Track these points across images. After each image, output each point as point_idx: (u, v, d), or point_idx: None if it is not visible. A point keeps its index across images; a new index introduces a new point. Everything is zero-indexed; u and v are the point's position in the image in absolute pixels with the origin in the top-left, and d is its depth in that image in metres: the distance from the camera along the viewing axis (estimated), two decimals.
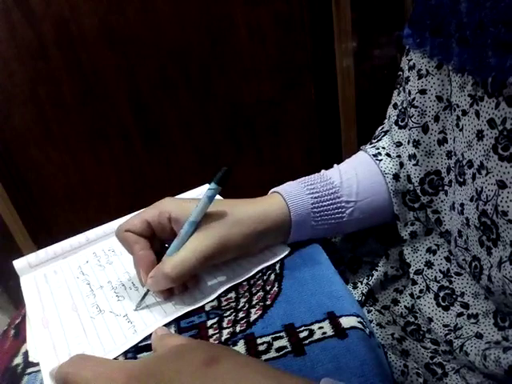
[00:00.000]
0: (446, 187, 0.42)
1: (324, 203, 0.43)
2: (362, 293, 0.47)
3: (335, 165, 0.47)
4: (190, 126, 1.14)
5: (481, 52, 0.31)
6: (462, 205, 0.38)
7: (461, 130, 0.37)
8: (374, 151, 0.47)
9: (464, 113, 0.36)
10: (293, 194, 0.43)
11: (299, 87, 1.13)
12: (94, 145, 1.11)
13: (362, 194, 0.44)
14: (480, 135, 0.33)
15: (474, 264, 0.37)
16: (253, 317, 0.37)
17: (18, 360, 0.38)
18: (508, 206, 0.31)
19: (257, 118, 1.15)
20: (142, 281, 0.40)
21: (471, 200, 0.36)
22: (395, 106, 0.47)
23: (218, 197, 0.40)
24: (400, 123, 0.45)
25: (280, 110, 1.15)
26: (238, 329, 0.37)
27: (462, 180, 0.37)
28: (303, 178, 0.46)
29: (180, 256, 0.38)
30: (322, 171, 0.46)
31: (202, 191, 0.57)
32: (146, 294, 0.40)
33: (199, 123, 1.14)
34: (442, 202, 0.42)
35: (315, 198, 0.43)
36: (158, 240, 0.42)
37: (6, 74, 1.00)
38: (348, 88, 1.13)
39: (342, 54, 1.09)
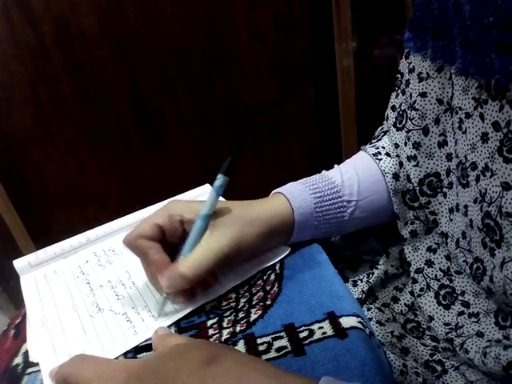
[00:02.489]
0: (446, 189, 0.42)
1: (326, 203, 0.43)
2: (362, 290, 0.47)
3: (336, 165, 0.47)
4: (190, 126, 1.13)
5: (484, 54, 0.31)
6: (465, 206, 0.38)
7: (464, 132, 0.37)
8: (373, 151, 0.47)
9: (468, 115, 0.36)
10: (296, 195, 0.43)
11: (299, 87, 1.13)
12: (94, 145, 1.11)
13: (363, 193, 0.44)
14: (485, 138, 0.34)
15: (475, 265, 0.37)
16: (253, 317, 0.37)
17: (18, 360, 0.38)
18: None
19: (257, 118, 1.15)
20: (161, 285, 0.38)
21: (475, 202, 0.36)
22: (393, 109, 0.47)
23: (220, 198, 0.40)
24: (398, 125, 0.45)
25: (280, 110, 1.15)
26: (238, 329, 0.37)
27: (465, 182, 0.38)
28: (305, 178, 0.46)
29: (196, 255, 0.38)
30: (323, 171, 0.47)
31: (202, 191, 0.57)
32: (165, 299, 0.39)
33: (199, 123, 1.14)
34: (439, 203, 0.43)
35: (317, 197, 0.43)
36: (167, 244, 0.41)
37: (6, 74, 1.00)
38: (348, 88, 1.13)
39: (342, 54, 1.09)
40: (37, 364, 0.37)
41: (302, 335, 0.35)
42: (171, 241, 0.41)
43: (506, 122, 0.31)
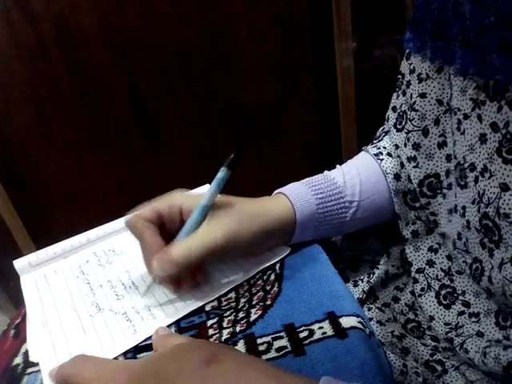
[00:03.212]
0: (445, 190, 0.42)
1: (328, 204, 0.43)
2: (362, 290, 0.47)
3: (337, 165, 0.47)
4: (190, 126, 1.13)
5: (484, 54, 0.31)
6: (463, 207, 0.38)
7: (462, 133, 0.37)
8: (375, 151, 0.47)
9: (466, 116, 0.36)
10: (298, 195, 0.43)
11: (299, 87, 1.13)
12: (94, 145, 1.11)
13: (365, 193, 0.44)
14: (483, 139, 0.34)
15: (474, 266, 0.37)
16: (253, 317, 0.37)
17: (18, 360, 0.38)
18: (510, 209, 0.31)
19: (257, 119, 1.15)
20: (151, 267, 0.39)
21: (473, 203, 0.36)
22: (394, 109, 0.47)
23: (219, 197, 0.41)
24: (398, 126, 0.45)
25: (280, 110, 1.15)
26: (238, 329, 0.37)
27: (463, 183, 0.38)
28: (307, 178, 0.46)
29: (188, 242, 0.38)
30: (325, 172, 0.47)
31: (202, 191, 0.57)
32: (152, 284, 0.40)
33: (199, 123, 1.14)
34: (439, 204, 0.43)
35: (320, 198, 0.43)
36: (166, 232, 0.42)
37: (6, 74, 1.00)
38: (348, 88, 1.13)
39: (341, 54, 1.09)
40: (37, 364, 0.37)
41: (302, 335, 0.35)
42: (170, 230, 0.41)
43: (504, 122, 0.31)
